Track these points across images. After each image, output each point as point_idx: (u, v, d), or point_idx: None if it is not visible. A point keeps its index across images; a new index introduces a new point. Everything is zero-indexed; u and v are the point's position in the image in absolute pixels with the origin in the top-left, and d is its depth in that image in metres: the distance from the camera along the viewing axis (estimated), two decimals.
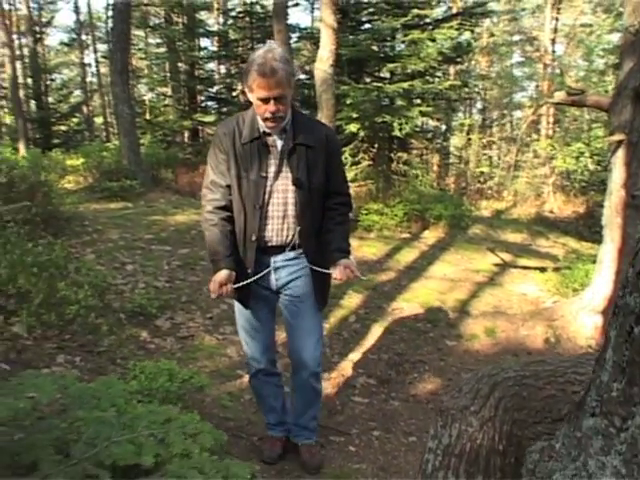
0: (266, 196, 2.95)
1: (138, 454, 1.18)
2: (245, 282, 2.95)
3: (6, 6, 21.42)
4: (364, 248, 7.46)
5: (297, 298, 3.14)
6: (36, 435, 1.42)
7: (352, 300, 5.56)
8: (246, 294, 3.06)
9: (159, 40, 22.24)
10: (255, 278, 3.00)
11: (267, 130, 2.90)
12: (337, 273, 2.93)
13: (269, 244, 3.03)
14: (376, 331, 5.01)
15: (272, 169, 2.94)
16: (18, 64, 21.98)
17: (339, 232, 3.08)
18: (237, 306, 3.15)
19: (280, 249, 3.06)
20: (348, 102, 9.25)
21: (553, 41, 19.28)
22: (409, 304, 5.65)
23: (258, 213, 2.95)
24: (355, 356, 4.56)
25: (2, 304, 4.05)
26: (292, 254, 3.08)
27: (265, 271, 3.03)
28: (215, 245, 2.95)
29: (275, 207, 2.98)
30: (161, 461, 1.17)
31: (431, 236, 8.45)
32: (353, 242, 7.27)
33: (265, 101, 2.77)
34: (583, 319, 5.10)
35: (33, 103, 23.23)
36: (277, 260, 3.06)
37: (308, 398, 3.35)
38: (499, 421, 1.80)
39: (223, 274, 2.87)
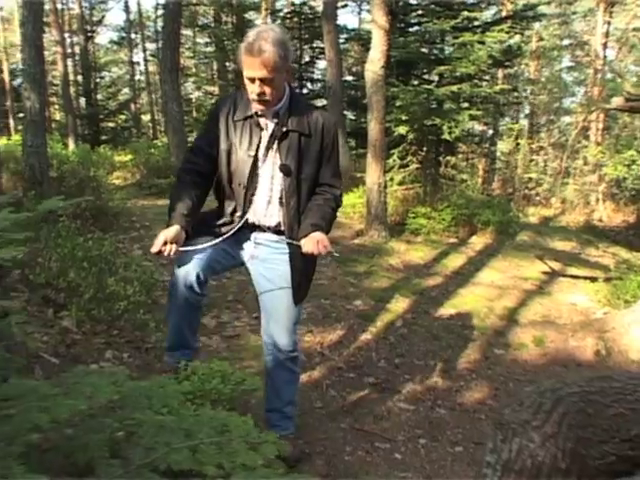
0: (253, 178, 2.87)
1: (200, 463, 1.15)
2: (197, 247, 2.80)
3: (59, 5, 21.81)
4: (411, 252, 7.39)
5: (275, 278, 2.96)
6: (89, 434, 1.40)
7: (399, 304, 5.50)
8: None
9: (207, 39, 22.38)
10: (209, 244, 2.83)
11: (258, 111, 2.82)
12: (307, 245, 2.78)
13: (252, 224, 2.93)
14: (423, 337, 4.94)
15: (260, 150, 2.86)
16: (69, 62, 22.40)
17: (317, 210, 2.91)
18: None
19: (260, 229, 2.95)
20: (398, 104, 9.17)
21: (604, 46, 18.87)
22: (456, 310, 5.57)
23: (243, 192, 2.86)
24: (401, 361, 4.50)
25: (52, 298, 4.09)
26: (275, 237, 2.96)
27: (228, 234, 2.86)
28: (176, 200, 2.82)
29: (259, 191, 2.89)
30: (224, 472, 1.13)
31: (478, 242, 8.34)
32: (400, 245, 7.32)
33: (251, 81, 2.68)
34: (635, 332, 4.95)
35: (83, 100, 23.65)
36: (259, 237, 2.96)
37: (283, 379, 3.15)
38: (562, 438, 1.73)
39: (172, 231, 2.71)
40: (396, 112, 9.33)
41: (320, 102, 17.92)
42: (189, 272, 2.87)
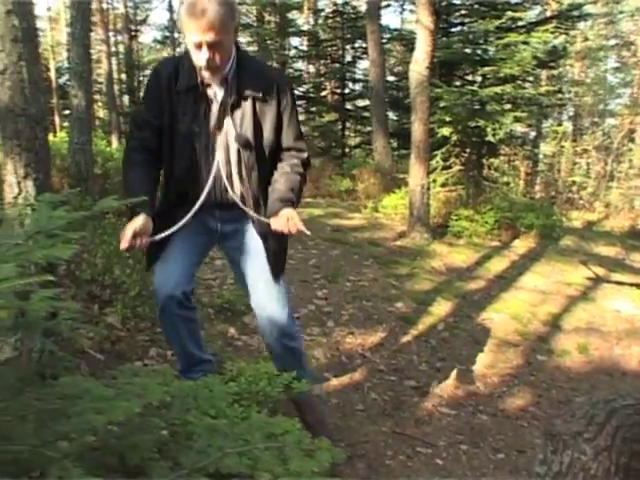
0: (199, 152, 2.66)
1: (253, 468, 1.14)
2: (165, 233, 2.58)
3: (105, 5, 22.15)
4: (453, 254, 7.33)
5: (246, 250, 2.82)
6: (137, 434, 1.40)
7: (441, 307, 5.45)
8: (162, 247, 2.70)
9: (250, 39, 22.49)
10: (176, 227, 2.61)
11: (206, 79, 2.57)
12: (276, 224, 2.58)
13: (204, 201, 2.67)
14: (465, 341, 4.89)
15: (211, 123, 2.63)
16: (113, 60, 22.72)
17: (285, 181, 2.71)
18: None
19: (224, 206, 2.74)
20: (441, 105, 9.10)
21: None
22: (499, 315, 5.51)
23: (186, 169, 2.67)
24: (443, 365, 4.46)
25: (98, 294, 4.14)
26: (240, 212, 2.74)
27: (186, 218, 2.62)
28: (135, 185, 2.59)
29: (214, 166, 2.67)
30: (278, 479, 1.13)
31: (521, 245, 8.24)
32: (442, 248, 7.26)
33: (197, 46, 2.43)
34: None
35: (126, 98, 23.94)
36: (223, 214, 2.78)
37: (286, 362, 2.96)
38: (616, 452, 1.70)
39: (139, 222, 2.48)
40: (440, 113, 9.26)
41: (362, 102, 17.92)
42: (174, 294, 2.74)
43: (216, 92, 2.62)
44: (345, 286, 5.53)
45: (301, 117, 16.56)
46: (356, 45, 18.04)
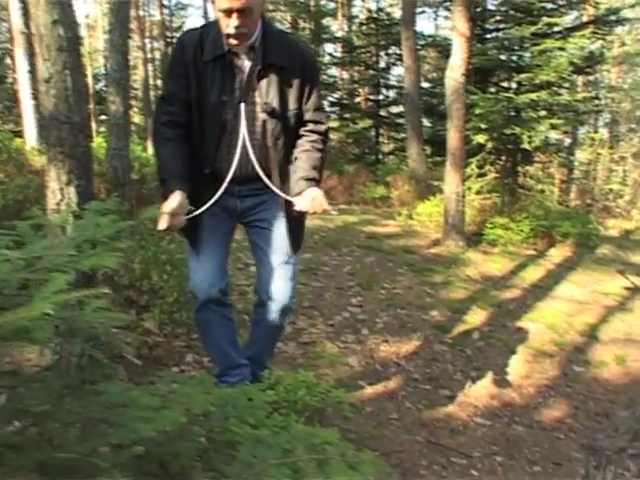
0: (228, 124, 2.62)
1: None
2: (201, 210, 2.57)
3: (141, 12, 22.44)
4: (488, 263, 7.27)
5: (266, 222, 2.79)
6: (179, 442, 1.41)
7: (476, 316, 5.42)
8: (196, 229, 2.69)
9: None
10: (212, 202, 2.60)
11: (232, 48, 2.56)
12: (301, 204, 2.60)
13: (231, 176, 2.66)
14: (500, 350, 4.85)
15: (237, 93, 2.60)
16: (149, 67, 22.97)
17: (307, 159, 2.71)
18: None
19: (245, 180, 2.71)
20: (477, 112, 9.05)
21: None
22: (535, 324, 5.45)
23: (215, 143, 2.64)
24: (478, 375, 4.43)
25: (135, 299, 4.18)
26: (260, 184, 2.71)
27: (219, 193, 2.62)
28: (168, 162, 2.60)
29: (240, 136, 2.63)
30: None
31: (557, 254, 8.14)
32: (477, 256, 7.22)
33: (227, 13, 2.41)
34: None
35: None
36: (242, 189, 2.74)
37: (270, 334, 3.03)
38: None
39: (176, 200, 2.47)
40: (475, 120, 9.21)
41: (397, 108, 17.89)
42: (210, 293, 2.76)
43: (242, 61, 2.61)
44: (380, 294, 5.52)
45: (335, 124, 16.73)
46: (390, 51, 18.02)
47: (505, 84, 11.51)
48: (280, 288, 2.88)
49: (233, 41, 2.50)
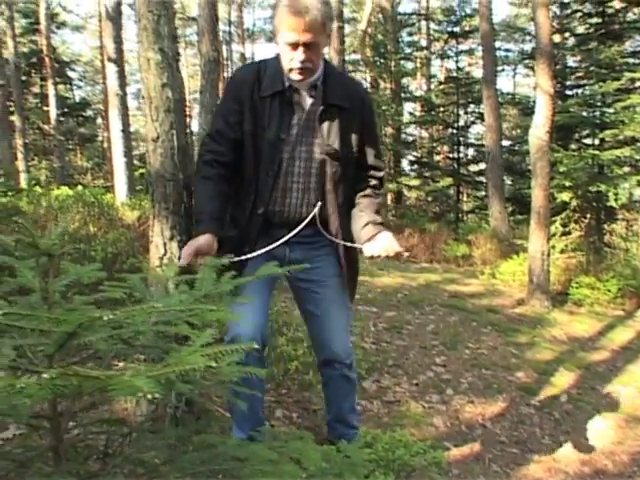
0: (284, 163, 2.50)
1: None
2: (249, 256, 2.43)
3: (226, 74, 23.29)
4: (575, 323, 7.11)
5: (318, 282, 2.66)
6: None
7: (563, 378, 5.29)
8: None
9: None
10: (264, 251, 2.46)
11: (294, 84, 2.47)
12: (375, 249, 2.48)
13: (283, 219, 2.56)
14: (590, 414, 4.70)
15: (294, 131, 2.50)
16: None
17: (370, 204, 2.63)
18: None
19: (296, 225, 2.55)
20: (561, 170, 8.98)
21: None
22: (626, 388, 5.27)
23: (271, 182, 2.50)
24: (567, 439, 4.30)
25: None
26: (310, 231, 2.59)
27: (276, 244, 2.48)
28: (204, 202, 2.48)
29: (295, 178, 2.53)
30: None
31: None
32: (563, 316, 7.08)
33: (293, 46, 2.33)
34: None
35: None
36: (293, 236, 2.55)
37: (342, 390, 2.87)
38: None
39: (203, 239, 2.37)
40: (559, 178, 9.14)
41: (476, 166, 17.87)
42: (251, 339, 2.48)
43: (303, 99, 2.53)
44: (464, 353, 5.47)
45: (415, 182, 16.81)
46: (469, 109, 18.10)
47: (588, 141, 11.40)
48: (342, 344, 2.83)
49: (297, 76, 2.42)
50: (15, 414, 1.01)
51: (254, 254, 2.45)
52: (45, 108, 24.85)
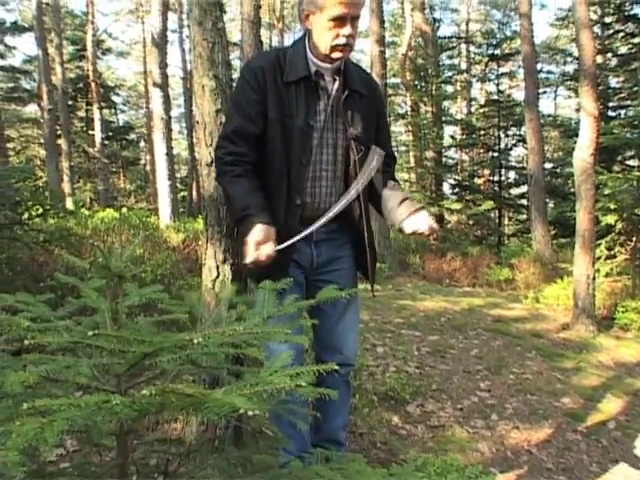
0: (314, 150, 2.43)
1: None
2: (296, 238, 2.31)
3: None
4: (621, 348, 6.98)
5: (339, 284, 2.34)
6: None
7: (610, 404, 5.20)
8: (284, 264, 2.38)
9: (404, 128, 23.00)
10: (303, 235, 2.32)
11: (320, 69, 2.40)
12: (417, 225, 2.35)
13: (314, 211, 2.46)
14: None
15: (321, 117, 2.42)
16: None
17: (398, 186, 2.55)
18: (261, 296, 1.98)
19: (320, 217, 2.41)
20: (605, 192, 8.87)
21: None
22: None
23: (304, 171, 2.42)
24: (615, 467, 4.24)
25: None
26: (335, 225, 2.49)
27: (305, 233, 2.33)
28: (244, 197, 2.31)
29: (324, 166, 2.47)
30: None
31: None
32: (609, 341, 6.99)
33: (341, 21, 2.26)
34: None
35: None
36: (320, 230, 2.40)
37: (343, 398, 2.60)
38: None
39: (259, 232, 2.23)
40: (603, 200, 9.02)
41: (518, 189, 17.75)
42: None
43: (328, 84, 2.46)
44: (508, 378, 5.42)
45: (457, 205, 16.75)
46: (510, 132, 18.02)
47: (632, 162, 11.27)
48: (354, 349, 2.80)
49: (339, 54, 2.36)
50: (95, 430, 1.05)
51: (287, 243, 2.31)
52: (90, 132, 25.49)
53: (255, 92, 2.37)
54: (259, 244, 2.21)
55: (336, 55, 2.35)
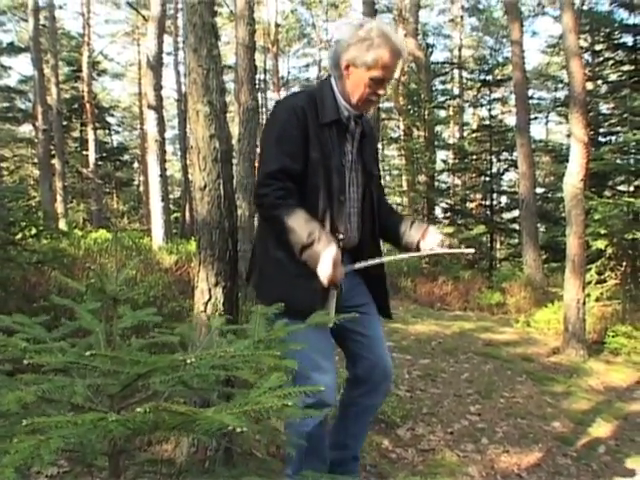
0: (347, 189, 2.60)
1: None
2: (368, 264, 2.55)
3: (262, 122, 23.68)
4: (611, 373, 7.01)
5: (363, 305, 2.68)
6: None
7: (600, 429, 5.21)
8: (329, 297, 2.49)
9: (396, 152, 23.13)
10: (370, 264, 2.56)
11: (350, 113, 2.58)
12: (431, 243, 2.60)
13: (344, 245, 2.56)
14: (629, 467, 4.62)
15: (349, 158, 2.61)
16: None
17: (398, 216, 2.83)
18: (307, 334, 2.04)
19: (352, 250, 2.63)
20: (596, 217, 8.94)
21: None
22: None
23: (342, 207, 2.56)
24: None
25: None
26: (352, 258, 2.62)
27: (371, 263, 2.55)
28: (307, 224, 2.34)
29: (352, 203, 2.62)
30: None
31: None
32: (599, 365, 7.02)
33: (379, 82, 2.47)
34: None
35: None
36: (345, 262, 2.52)
37: (369, 415, 2.88)
38: None
39: (337, 249, 2.32)
40: (593, 225, 9.09)
41: (509, 214, 17.83)
42: (330, 402, 2.50)
43: (353, 127, 2.64)
44: (499, 402, 5.43)
45: (449, 229, 16.80)
46: (502, 157, 18.12)
47: (622, 188, 11.35)
48: (389, 363, 2.83)
49: (368, 107, 2.65)
50: (89, 449, 1.07)
51: (363, 265, 2.55)
52: (84, 152, 25.53)
53: (297, 129, 2.46)
54: (336, 264, 2.31)
55: (366, 108, 2.64)
